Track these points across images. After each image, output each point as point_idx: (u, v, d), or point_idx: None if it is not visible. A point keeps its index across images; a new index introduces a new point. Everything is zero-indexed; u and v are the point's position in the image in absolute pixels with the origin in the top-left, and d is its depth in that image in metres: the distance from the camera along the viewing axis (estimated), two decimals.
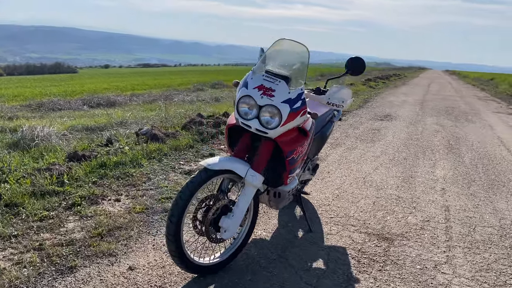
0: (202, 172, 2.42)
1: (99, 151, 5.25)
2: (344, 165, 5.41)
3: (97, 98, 14.26)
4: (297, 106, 2.51)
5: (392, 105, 12.59)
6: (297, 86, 2.58)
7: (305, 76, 2.61)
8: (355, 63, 2.84)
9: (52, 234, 3.09)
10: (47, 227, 3.19)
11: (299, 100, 2.52)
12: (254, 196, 2.74)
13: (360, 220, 3.65)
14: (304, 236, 3.26)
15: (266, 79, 2.54)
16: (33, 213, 3.42)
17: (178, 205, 2.32)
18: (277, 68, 2.61)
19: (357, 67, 2.84)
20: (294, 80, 2.61)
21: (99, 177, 4.43)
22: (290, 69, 2.66)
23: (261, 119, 2.50)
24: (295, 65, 2.69)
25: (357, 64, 2.83)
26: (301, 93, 2.54)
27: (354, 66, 2.86)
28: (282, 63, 2.69)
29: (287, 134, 2.61)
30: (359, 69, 2.84)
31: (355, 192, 4.38)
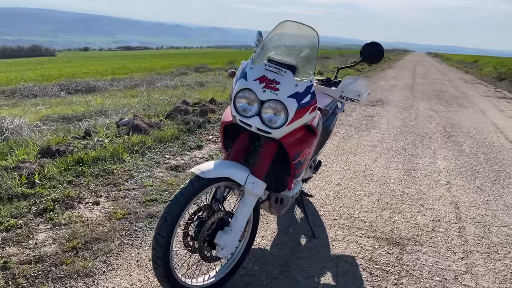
0: (194, 182, 2.02)
1: (76, 145, 4.79)
2: (341, 157, 5.08)
3: (75, 84, 13.64)
4: (305, 101, 2.12)
5: (383, 89, 12.30)
6: (305, 77, 2.19)
7: (315, 65, 2.22)
8: (371, 50, 2.45)
9: (19, 248, 2.68)
10: (14, 239, 2.77)
11: (308, 94, 2.14)
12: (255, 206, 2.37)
13: (366, 222, 3.32)
14: (308, 244, 2.92)
15: (268, 69, 2.14)
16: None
17: (166, 223, 1.93)
18: (282, 56, 2.22)
19: (374, 54, 2.44)
20: (301, 70, 2.22)
21: (76, 175, 4.00)
22: (297, 57, 2.26)
23: (263, 117, 2.12)
24: (302, 52, 2.29)
25: (374, 50, 2.43)
26: (310, 86, 2.15)
27: (370, 53, 2.47)
28: (287, 50, 2.29)
29: (293, 134, 2.23)
30: (377, 56, 2.45)
31: (357, 188, 4.05)
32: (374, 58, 2.43)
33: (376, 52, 2.40)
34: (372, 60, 2.45)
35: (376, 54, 2.41)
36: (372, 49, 2.41)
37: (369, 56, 2.43)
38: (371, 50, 2.43)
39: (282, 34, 2.35)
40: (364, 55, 2.43)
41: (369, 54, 2.43)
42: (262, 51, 2.27)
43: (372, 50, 2.41)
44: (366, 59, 2.44)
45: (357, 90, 2.22)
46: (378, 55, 2.41)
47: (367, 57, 2.44)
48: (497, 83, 17.87)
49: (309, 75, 2.20)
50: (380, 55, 2.41)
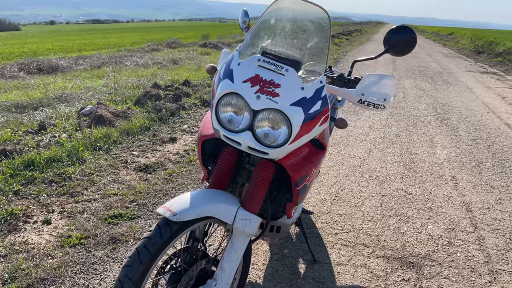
0: (163, 228, 1.44)
1: (27, 142, 4.09)
2: (333, 149, 4.56)
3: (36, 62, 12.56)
4: (315, 109, 1.55)
5: (364, 65, 11.78)
6: (313, 76, 1.61)
7: (326, 59, 1.64)
8: (399, 38, 1.82)
9: None
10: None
11: (319, 100, 1.56)
12: None
13: (372, 235, 2.82)
14: (308, 272, 2.40)
15: (264, 66, 1.55)
16: None
17: None
18: (281, 48, 1.62)
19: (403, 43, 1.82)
20: (308, 66, 1.63)
21: (25, 182, 3.34)
22: (302, 49, 1.67)
23: (256, 132, 1.54)
24: (309, 41, 1.70)
25: (403, 39, 1.81)
26: (321, 89, 1.58)
27: (398, 42, 1.84)
28: (288, 38, 1.70)
29: (297, 152, 1.66)
30: (407, 46, 1.83)
31: (355, 189, 3.55)
32: (403, 48, 1.83)
33: (406, 41, 1.81)
34: (401, 51, 1.85)
35: (406, 43, 1.81)
36: (401, 38, 1.81)
37: (397, 46, 1.83)
38: (399, 39, 1.82)
39: (280, 16, 1.74)
40: (390, 45, 1.83)
41: (397, 43, 1.82)
42: (252, 39, 1.66)
43: (401, 38, 1.81)
44: (393, 50, 1.84)
45: (382, 92, 1.63)
46: (408, 45, 1.81)
47: (393, 47, 1.83)
48: (476, 56, 17.67)
49: (319, 74, 1.62)
50: (412, 45, 1.82)
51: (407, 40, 1.74)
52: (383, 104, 1.65)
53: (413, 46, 1.76)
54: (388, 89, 1.64)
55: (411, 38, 1.74)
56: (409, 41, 1.75)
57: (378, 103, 1.65)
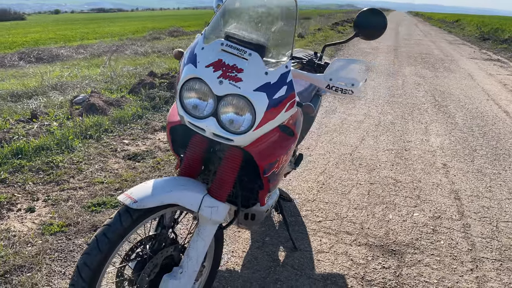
0: (123, 216, 1.43)
1: (17, 131, 4.09)
2: (325, 137, 4.52)
3: (37, 51, 12.56)
4: (280, 95, 1.52)
5: (365, 53, 11.66)
6: (279, 61, 1.58)
7: (293, 44, 1.60)
8: (369, 20, 1.78)
9: None
10: None
11: (284, 86, 1.53)
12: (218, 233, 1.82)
13: (356, 223, 2.81)
14: (288, 259, 2.39)
15: (227, 51, 1.52)
16: None
17: (80, 281, 1.35)
18: (245, 31, 1.58)
19: (373, 26, 1.78)
20: (274, 51, 1.60)
21: (12, 170, 3.35)
22: (267, 33, 1.64)
23: (221, 118, 1.51)
24: (274, 25, 1.66)
25: (373, 21, 1.77)
26: (286, 74, 1.54)
27: (368, 25, 1.80)
28: (253, 22, 1.66)
29: (264, 139, 1.64)
30: (377, 29, 1.79)
31: (344, 176, 3.52)
32: (373, 32, 1.79)
33: (375, 24, 1.76)
34: (370, 35, 1.82)
35: (376, 26, 1.77)
36: (370, 20, 1.76)
37: (366, 28, 1.79)
38: (369, 21, 1.78)
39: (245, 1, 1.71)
40: (360, 28, 1.79)
41: (367, 26, 1.78)
42: (217, 23, 1.63)
43: (370, 20, 1.76)
44: (363, 33, 1.80)
45: (350, 77, 1.59)
46: (378, 28, 1.77)
47: (363, 31, 1.79)
48: (481, 43, 17.40)
49: (285, 59, 1.59)
50: (381, 29, 1.77)
51: (377, 23, 1.70)
52: (351, 89, 1.61)
53: (383, 30, 1.72)
54: (356, 74, 1.61)
55: (381, 22, 1.70)
56: (379, 25, 1.71)
57: (345, 88, 1.61)
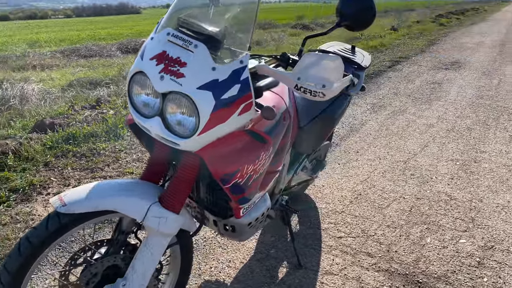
0: (51, 220, 1.34)
1: (75, 118, 4.33)
2: (381, 140, 4.08)
3: (134, 42, 13.42)
4: (230, 95, 1.29)
5: (464, 48, 10.49)
6: (234, 55, 1.35)
7: (251, 35, 1.35)
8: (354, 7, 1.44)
9: None
10: None
11: (236, 84, 1.30)
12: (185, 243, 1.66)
13: (383, 243, 2.44)
14: (287, 277, 2.14)
15: (172, 41, 1.33)
16: None
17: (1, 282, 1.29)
18: (198, 20, 1.37)
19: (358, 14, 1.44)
20: (228, 42, 1.37)
21: (60, 155, 3.53)
22: (217, 21, 1.41)
23: (167, 118, 1.34)
24: (230, 12, 1.44)
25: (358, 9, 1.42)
26: (240, 70, 1.31)
27: (353, 12, 1.47)
28: (209, 9, 1.45)
29: (223, 144, 1.42)
30: (363, 17, 1.44)
31: (387, 187, 3.12)
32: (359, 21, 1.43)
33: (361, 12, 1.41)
34: (356, 24, 1.47)
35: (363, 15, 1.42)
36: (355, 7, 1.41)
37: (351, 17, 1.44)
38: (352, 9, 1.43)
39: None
40: (342, 16, 1.45)
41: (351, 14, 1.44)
42: (172, 11, 1.44)
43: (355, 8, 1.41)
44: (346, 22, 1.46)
45: (321, 76, 1.29)
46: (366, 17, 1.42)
47: (347, 19, 1.45)
48: None
49: (241, 52, 1.35)
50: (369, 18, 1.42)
51: (363, 10, 1.37)
52: (322, 92, 1.32)
53: (371, 19, 1.39)
54: (328, 73, 1.31)
55: (368, 8, 1.37)
56: (365, 12, 1.38)
57: (315, 90, 1.32)
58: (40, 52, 11.45)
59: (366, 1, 1.41)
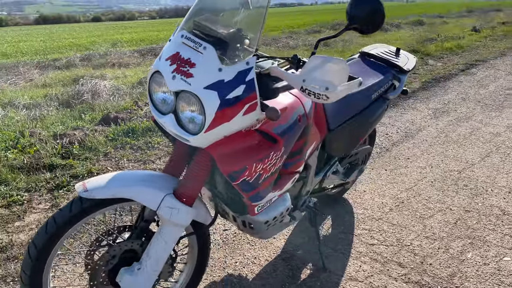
0: (74, 204, 1.48)
1: (137, 113, 4.63)
2: (437, 148, 3.88)
3: None
4: (235, 95, 1.34)
5: None
6: (241, 56, 1.40)
7: (259, 36, 1.39)
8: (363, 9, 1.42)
9: None
10: (2, 220, 2.66)
11: (241, 85, 1.35)
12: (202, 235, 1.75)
13: (418, 255, 2.34)
14: (309, 279, 2.14)
15: (185, 43, 1.41)
16: (8, 194, 2.94)
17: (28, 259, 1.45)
18: (210, 23, 1.44)
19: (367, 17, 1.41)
20: (235, 45, 1.42)
21: (119, 146, 3.82)
22: (229, 24, 1.46)
23: (180, 116, 1.43)
24: (239, 14, 1.48)
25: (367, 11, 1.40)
26: (245, 72, 1.35)
27: (362, 16, 1.45)
28: (221, 13, 1.50)
29: (233, 143, 1.48)
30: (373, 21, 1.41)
31: (434, 197, 2.97)
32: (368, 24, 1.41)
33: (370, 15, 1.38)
34: (366, 27, 1.44)
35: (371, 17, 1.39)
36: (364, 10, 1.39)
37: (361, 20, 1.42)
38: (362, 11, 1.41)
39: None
40: (351, 19, 1.43)
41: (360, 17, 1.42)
42: (191, 13, 1.51)
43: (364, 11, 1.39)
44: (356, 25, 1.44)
45: (324, 79, 1.28)
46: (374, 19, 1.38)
47: (357, 22, 1.43)
48: None
49: (248, 54, 1.39)
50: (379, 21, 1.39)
51: (371, 13, 1.35)
52: (325, 94, 1.32)
53: (380, 21, 1.36)
54: (332, 75, 1.30)
55: (376, 10, 1.34)
56: (374, 15, 1.35)
57: (319, 93, 1.32)
58: (120, 51, 12.28)
59: (375, 4, 1.39)
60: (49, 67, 9.09)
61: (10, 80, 7.87)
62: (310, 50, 10.35)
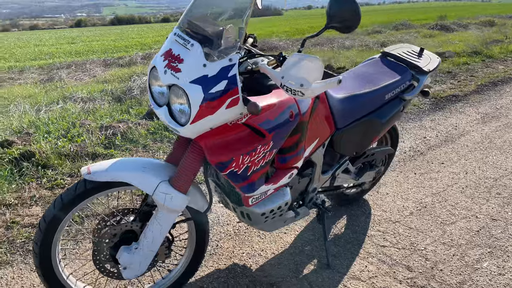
0: (79, 185, 1.65)
1: None
2: (477, 153, 3.69)
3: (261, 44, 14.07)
4: (217, 89, 1.43)
5: None
6: (225, 53, 1.48)
7: (243, 33, 1.46)
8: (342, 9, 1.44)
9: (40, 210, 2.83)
10: (44, 200, 2.95)
11: (223, 80, 1.43)
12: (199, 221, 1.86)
13: (429, 260, 2.28)
14: (311, 275, 2.18)
15: (177, 40, 1.52)
16: (53, 178, 3.25)
17: (38, 232, 1.64)
18: (200, 21, 1.54)
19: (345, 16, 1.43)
20: (220, 42, 1.50)
21: (158, 139, 4.05)
22: (217, 23, 1.55)
23: (172, 108, 1.55)
24: (225, 13, 1.56)
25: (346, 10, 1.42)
26: (228, 68, 1.43)
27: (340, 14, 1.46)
28: (207, 9, 1.59)
29: (221, 134, 1.57)
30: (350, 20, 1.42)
31: (461, 204, 2.85)
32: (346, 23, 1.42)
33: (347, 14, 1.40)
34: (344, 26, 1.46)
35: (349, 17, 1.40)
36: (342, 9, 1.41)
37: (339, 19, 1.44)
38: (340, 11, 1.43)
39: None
40: (331, 17, 1.46)
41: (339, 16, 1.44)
42: (187, 12, 1.62)
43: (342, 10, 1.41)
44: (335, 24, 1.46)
45: (300, 76, 1.32)
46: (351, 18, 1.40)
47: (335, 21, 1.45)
48: None
49: (232, 50, 1.47)
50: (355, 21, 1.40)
51: (348, 13, 1.37)
52: (300, 91, 1.36)
53: (357, 21, 1.37)
54: (307, 72, 1.34)
55: (352, 10, 1.36)
56: (350, 14, 1.37)
57: (295, 89, 1.37)
58: None
59: (351, 4, 1.42)
60: (113, 65, 9.71)
61: (76, 76, 8.55)
62: (365, 51, 10.16)
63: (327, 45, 11.76)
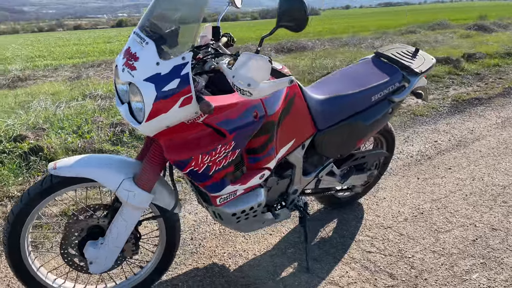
0: (46, 180, 1.69)
1: None
2: (489, 159, 3.52)
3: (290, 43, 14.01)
4: (170, 88, 1.43)
5: None
6: (178, 52, 1.48)
7: (195, 34, 1.45)
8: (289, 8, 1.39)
9: None
10: None
11: (176, 78, 1.43)
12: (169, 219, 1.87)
13: (415, 268, 2.20)
14: (288, 278, 2.14)
15: (135, 39, 1.53)
16: None
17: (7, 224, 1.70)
18: (156, 20, 1.54)
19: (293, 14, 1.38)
20: (174, 41, 1.50)
21: None
22: (173, 22, 1.54)
23: (131, 105, 1.56)
24: (179, 10, 1.55)
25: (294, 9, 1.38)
26: (180, 66, 1.43)
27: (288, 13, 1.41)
28: (167, 9, 1.59)
29: (180, 133, 1.57)
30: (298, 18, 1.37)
31: (461, 211, 2.73)
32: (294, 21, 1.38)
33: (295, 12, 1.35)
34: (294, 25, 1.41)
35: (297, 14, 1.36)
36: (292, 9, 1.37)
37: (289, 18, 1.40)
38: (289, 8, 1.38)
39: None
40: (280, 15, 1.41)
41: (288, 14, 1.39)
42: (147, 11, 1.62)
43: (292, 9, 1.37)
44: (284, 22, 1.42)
45: (248, 76, 1.29)
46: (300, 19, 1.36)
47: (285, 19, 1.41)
48: None
49: (184, 49, 1.46)
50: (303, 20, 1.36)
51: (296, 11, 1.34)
52: (248, 91, 1.34)
53: (304, 20, 1.34)
54: (254, 72, 1.32)
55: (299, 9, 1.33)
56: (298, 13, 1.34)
57: (243, 89, 1.35)
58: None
59: (298, 3, 1.39)
60: None
61: (103, 74, 8.81)
62: None
63: (356, 45, 11.55)
